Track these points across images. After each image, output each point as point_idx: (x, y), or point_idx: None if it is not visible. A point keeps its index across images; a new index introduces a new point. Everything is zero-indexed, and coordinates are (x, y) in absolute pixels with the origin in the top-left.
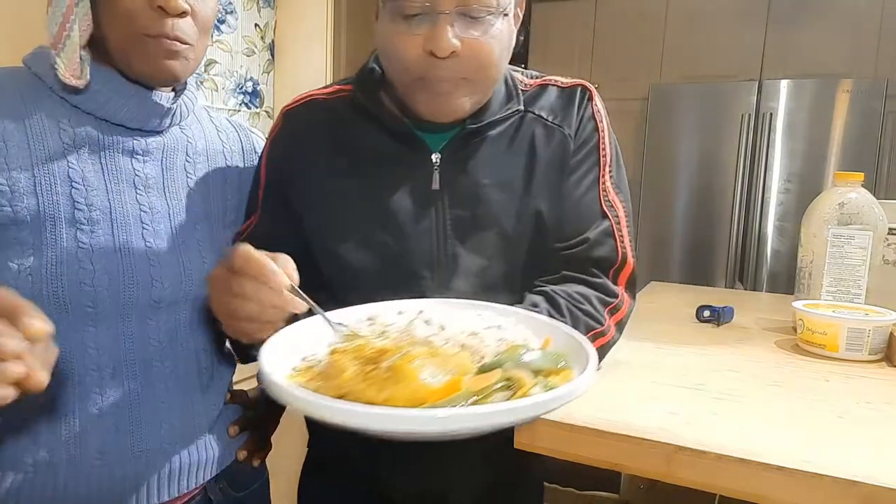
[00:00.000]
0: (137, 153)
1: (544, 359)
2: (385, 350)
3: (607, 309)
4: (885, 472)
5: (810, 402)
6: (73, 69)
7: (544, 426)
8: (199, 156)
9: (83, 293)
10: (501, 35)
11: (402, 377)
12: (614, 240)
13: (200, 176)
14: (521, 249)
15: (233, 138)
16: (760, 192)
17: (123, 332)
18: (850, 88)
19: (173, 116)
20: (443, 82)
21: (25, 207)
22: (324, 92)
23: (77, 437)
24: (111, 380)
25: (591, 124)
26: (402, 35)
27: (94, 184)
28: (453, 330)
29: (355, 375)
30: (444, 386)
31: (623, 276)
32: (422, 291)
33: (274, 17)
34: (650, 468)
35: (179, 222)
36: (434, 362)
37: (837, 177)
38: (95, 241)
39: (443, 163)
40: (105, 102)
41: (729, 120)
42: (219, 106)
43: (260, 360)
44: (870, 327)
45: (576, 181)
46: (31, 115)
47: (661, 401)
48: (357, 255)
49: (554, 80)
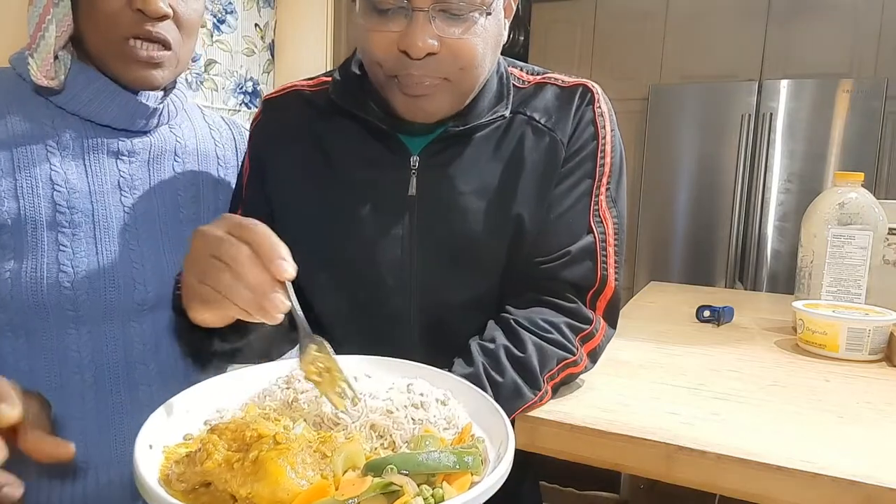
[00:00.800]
0: (123, 154)
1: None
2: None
3: (579, 337)
4: (885, 472)
5: (810, 402)
6: (46, 70)
7: (544, 426)
8: (189, 156)
9: (63, 296)
10: (486, 33)
11: (265, 474)
12: (595, 260)
13: (190, 176)
14: (495, 266)
15: (226, 136)
16: (760, 192)
17: (105, 335)
18: (850, 88)
19: (161, 116)
20: (419, 83)
21: (6, 211)
22: (308, 84)
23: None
24: (93, 382)
25: (590, 130)
26: (374, 32)
27: (76, 186)
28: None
29: (221, 464)
30: (311, 489)
31: (602, 301)
32: (385, 302)
33: (274, 17)
34: (650, 468)
35: (165, 224)
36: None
37: (837, 177)
38: (77, 245)
39: (421, 167)
40: (89, 103)
41: (729, 120)
42: (219, 106)
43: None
44: (870, 327)
45: (564, 191)
46: (14, 116)
47: (661, 401)
48: (319, 259)
49: (555, 79)
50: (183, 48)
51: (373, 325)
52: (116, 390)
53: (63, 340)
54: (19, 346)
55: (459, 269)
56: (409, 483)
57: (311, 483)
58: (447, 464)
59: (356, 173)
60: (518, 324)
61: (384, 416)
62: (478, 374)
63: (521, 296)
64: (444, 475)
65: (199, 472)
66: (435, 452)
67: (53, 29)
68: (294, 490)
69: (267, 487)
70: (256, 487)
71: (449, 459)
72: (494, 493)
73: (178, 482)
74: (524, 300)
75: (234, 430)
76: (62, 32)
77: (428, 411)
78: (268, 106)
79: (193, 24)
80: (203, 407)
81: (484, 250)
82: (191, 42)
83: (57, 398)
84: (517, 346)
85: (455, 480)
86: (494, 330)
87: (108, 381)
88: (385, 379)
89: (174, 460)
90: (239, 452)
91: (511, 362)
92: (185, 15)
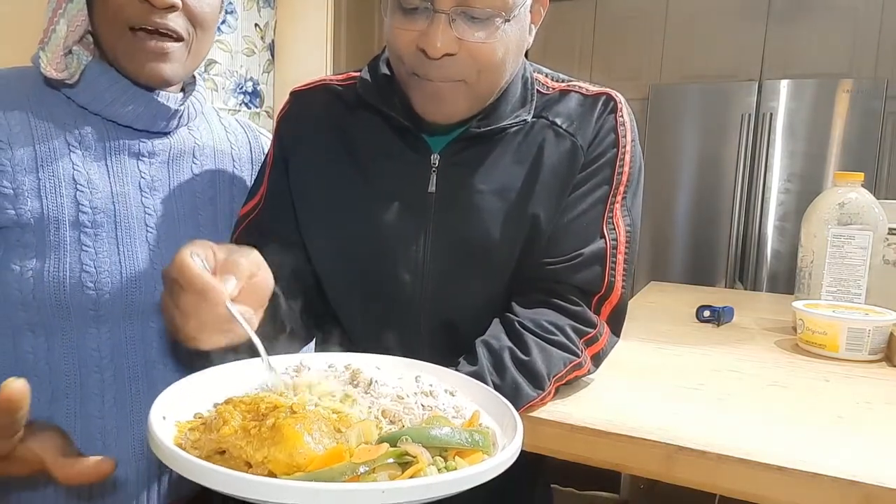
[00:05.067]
0: (144, 155)
1: (454, 436)
2: (277, 406)
3: (582, 339)
4: (885, 472)
5: (810, 402)
6: (56, 63)
7: (544, 426)
8: (207, 158)
9: (85, 296)
10: (507, 38)
11: (282, 438)
12: (603, 265)
13: (208, 178)
14: (508, 266)
15: (241, 140)
16: (760, 192)
17: (125, 335)
18: (850, 88)
19: (181, 118)
20: (435, 82)
21: (29, 210)
22: (337, 79)
23: (78, 439)
24: (112, 382)
25: (611, 137)
26: (399, 29)
27: (98, 186)
28: (380, 390)
29: (237, 431)
30: (327, 454)
31: (607, 307)
32: (398, 296)
33: (274, 17)
34: (650, 468)
35: (185, 225)
36: (329, 426)
37: (837, 177)
38: (98, 244)
39: (441, 165)
40: (111, 103)
41: (729, 120)
42: (219, 106)
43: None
44: (870, 327)
45: (580, 196)
46: (37, 116)
47: (661, 401)
48: (335, 249)
49: (579, 87)
50: (196, 42)
51: (383, 318)
52: (135, 389)
53: (83, 340)
54: (39, 345)
55: (473, 267)
56: (424, 452)
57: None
58: (459, 440)
59: (377, 168)
60: (522, 326)
61: (395, 402)
62: (481, 372)
63: (527, 296)
64: (456, 451)
65: (215, 438)
66: (447, 428)
67: (64, 23)
68: (311, 455)
69: (283, 451)
70: (273, 451)
71: (461, 436)
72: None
73: (192, 449)
74: (530, 300)
75: (249, 403)
76: (76, 27)
77: (437, 399)
78: (296, 98)
79: (207, 18)
80: (214, 390)
81: (498, 250)
82: (205, 37)
83: (76, 397)
84: (521, 348)
85: (467, 457)
86: (499, 331)
87: (127, 380)
88: (393, 372)
89: (188, 429)
90: (254, 420)
91: (515, 364)
92: (197, 7)
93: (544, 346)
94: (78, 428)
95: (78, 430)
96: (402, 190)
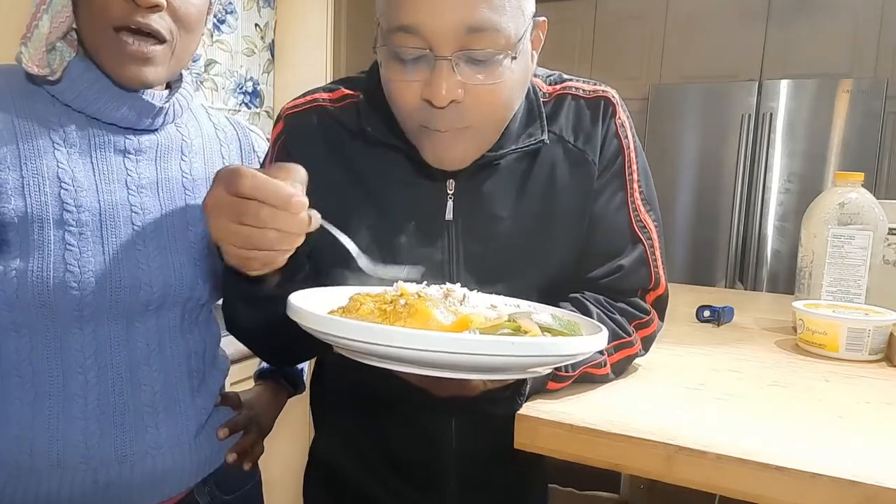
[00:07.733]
0: (130, 152)
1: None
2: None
3: (634, 323)
4: (885, 472)
5: (810, 402)
6: (38, 59)
7: (544, 426)
8: (196, 155)
9: (69, 295)
10: (513, 75)
11: (416, 311)
12: (648, 266)
13: (196, 175)
14: (531, 291)
15: (231, 136)
16: (760, 192)
17: (109, 336)
18: (850, 88)
19: (167, 115)
20: (444, 132)
21: (13, 209)
22: (330, 97)
23: (60, 441)
24: (96, 383)
25: (615, 143)
26: (398, 81)
27: (83, 184)
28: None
29: (373, 311)
30: (455, 323)
31: (652, 296)
32: None
33: (274, 17)
34: (650, 468)
35: (172, 223)
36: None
37: (837, 177)
38: (83, 243)
39: (458, 191)
40: (95, 101)
41: (729, 120)
42: (219, 106)
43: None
44: (870, 327)
45: (603, 205)
46: (19, 111)
47: (661, 401)
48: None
49: (574, 88)
50: (180, 44)
51: None
52: (119, 391)
53: (67, 340)
54: (23, 345)
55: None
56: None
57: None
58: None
59: (390, 196)
60: (585, 298)
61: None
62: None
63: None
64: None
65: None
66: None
67: (47, 19)
68: (441, 325)
69: (418, 322)
70: (409, 322)
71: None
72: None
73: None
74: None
75: (376, 295)
76: (59, 24)
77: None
78: (290, 121)
79: (192, 19)
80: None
81: (521, 275)
82: (190, 38)
83: (59, 398)
84: (585, 313)
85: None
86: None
87: (111, 381)
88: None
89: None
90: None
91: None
92: (181, 8)
93: (605, 318)
94: (60, 429)
95: (60, 432)
96: (417, 218)
